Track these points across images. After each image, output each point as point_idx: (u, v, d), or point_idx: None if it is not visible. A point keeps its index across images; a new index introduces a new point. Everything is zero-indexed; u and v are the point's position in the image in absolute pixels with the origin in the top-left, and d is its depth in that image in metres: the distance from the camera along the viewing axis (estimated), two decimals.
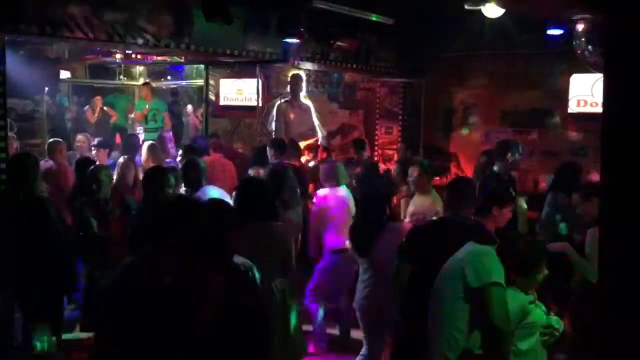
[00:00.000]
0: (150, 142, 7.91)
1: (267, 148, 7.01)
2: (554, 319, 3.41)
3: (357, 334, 5.10)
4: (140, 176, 6.10)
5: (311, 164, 7.97)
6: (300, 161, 7.68)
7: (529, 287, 3.33)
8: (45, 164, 6.62)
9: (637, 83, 1.63)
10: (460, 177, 5.03)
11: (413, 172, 5.67)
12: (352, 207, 5.66)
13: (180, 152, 7.59)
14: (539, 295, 3.41)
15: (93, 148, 7.65)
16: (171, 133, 9.50)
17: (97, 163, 6.41)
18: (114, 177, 5.95)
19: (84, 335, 4.79)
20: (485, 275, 3.23)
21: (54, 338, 4.27)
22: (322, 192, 5.91)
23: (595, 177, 5.60)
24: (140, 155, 7.50)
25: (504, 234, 3.84)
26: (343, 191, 5.87)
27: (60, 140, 7.30)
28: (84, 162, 6.25)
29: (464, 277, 3.29)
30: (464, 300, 3.30)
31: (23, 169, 4.64)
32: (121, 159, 6.46)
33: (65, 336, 4.71)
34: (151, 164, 6.89)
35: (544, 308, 3.38)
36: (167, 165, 6.64)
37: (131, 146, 7.85)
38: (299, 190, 5.93)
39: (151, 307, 2.32)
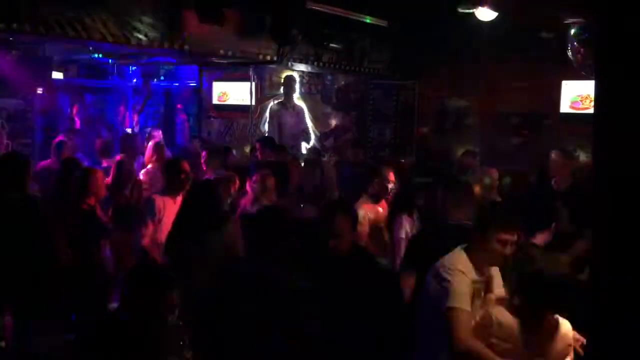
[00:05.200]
0: (156, 140, 7.84)
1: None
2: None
3: None
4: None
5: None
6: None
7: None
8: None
9: (628, 86, 1.64)
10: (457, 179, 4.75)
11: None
12: None
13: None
14: None
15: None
16: (160, 132, 9.44)
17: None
18: (110, 178, 5.86)
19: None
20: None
21: (44, 338, 4.25)
22: None
23: None
24: (142, 156, 7.46)
25: None
26: None
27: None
28: (71, 163, 5.92)
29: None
30: None
31: (13, 169, 4.61)
32: (118, 157, 6.39)
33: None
34: (156, 163, 6.84)
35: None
36: None
37: (129, 147, 7.67)
38: None
39: None
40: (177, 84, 11.77)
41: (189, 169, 5.26)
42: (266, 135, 9.29)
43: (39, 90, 9.39)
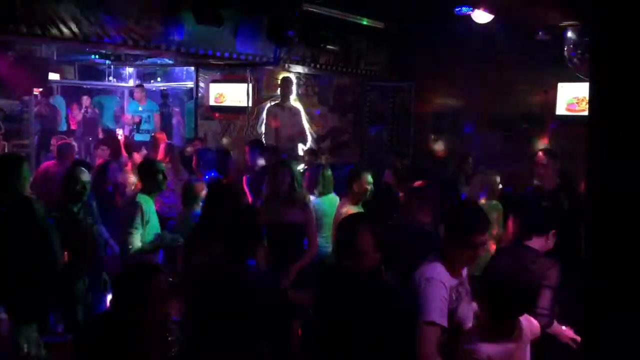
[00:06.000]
0: (168, 142, 7.85)
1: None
2: None
3: None
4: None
5: (300, 167, 7.96)
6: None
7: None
8: None
9: (623, 88, 1.65)
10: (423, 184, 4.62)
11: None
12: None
13: None
14: None
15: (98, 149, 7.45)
16: (164, 134, 9.45)
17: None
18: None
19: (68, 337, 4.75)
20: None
21: (40, 339, 4.24)
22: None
23: None
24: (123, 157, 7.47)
25: None
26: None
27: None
28: (81, 165, 5.93)
29: None
30: None
31: (10, 170, 4.61)
32: (100, 160, 6.38)
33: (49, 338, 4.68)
34: (170, 164, 6.81)
35: None
36: None
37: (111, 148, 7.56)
38: None
39: None
40: (173, 85, 11.79)
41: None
42: (263, 136, 9.31)
43: (36, 92, 9.38)
